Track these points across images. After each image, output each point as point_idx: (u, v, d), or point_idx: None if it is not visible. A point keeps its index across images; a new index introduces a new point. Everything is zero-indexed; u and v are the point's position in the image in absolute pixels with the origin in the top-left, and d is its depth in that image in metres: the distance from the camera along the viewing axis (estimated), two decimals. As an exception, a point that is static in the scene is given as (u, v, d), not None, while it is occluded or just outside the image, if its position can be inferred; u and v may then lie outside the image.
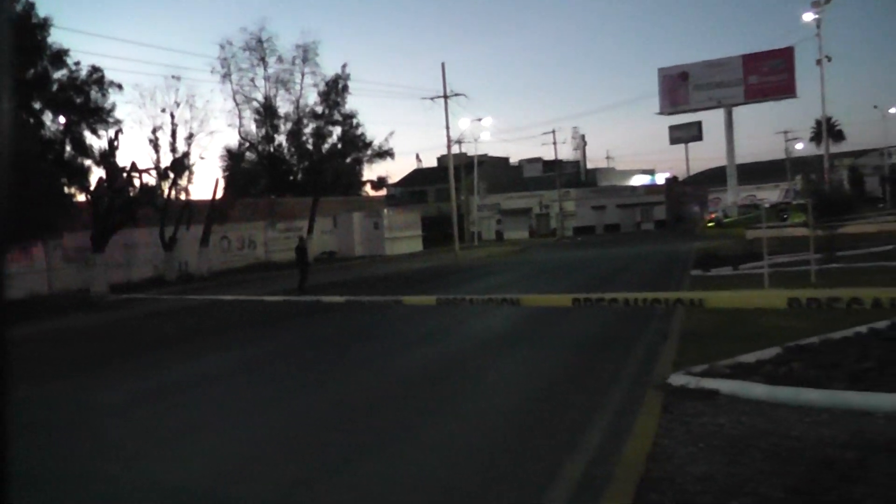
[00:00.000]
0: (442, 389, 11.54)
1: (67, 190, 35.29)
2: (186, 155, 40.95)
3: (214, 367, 14.94)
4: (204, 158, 44.74)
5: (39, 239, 33.19)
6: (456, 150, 67.71)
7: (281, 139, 55.22)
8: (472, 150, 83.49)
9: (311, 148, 53.61)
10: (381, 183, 62.78)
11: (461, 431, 9.05)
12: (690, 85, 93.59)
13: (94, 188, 36.11)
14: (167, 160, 40.41)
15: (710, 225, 76.42)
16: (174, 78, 41.36)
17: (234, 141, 53.88)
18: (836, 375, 9.25)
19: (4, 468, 1.68)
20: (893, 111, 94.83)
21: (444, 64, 55.85)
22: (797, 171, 78.00)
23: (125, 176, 37.33)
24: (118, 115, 37.15)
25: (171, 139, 40.57)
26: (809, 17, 64.28)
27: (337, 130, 53.72)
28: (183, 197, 41.81)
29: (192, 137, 41.13)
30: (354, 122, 53.57)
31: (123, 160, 38.10)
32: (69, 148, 35.56)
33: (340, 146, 53.64)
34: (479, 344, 15.59)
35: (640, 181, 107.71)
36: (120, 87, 36.85)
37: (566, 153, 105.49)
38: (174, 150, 40.60)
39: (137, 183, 38.35)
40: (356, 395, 11.61)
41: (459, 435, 8.91)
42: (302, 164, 54.61)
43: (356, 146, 53.99)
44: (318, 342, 17.56)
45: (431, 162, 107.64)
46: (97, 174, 36.55)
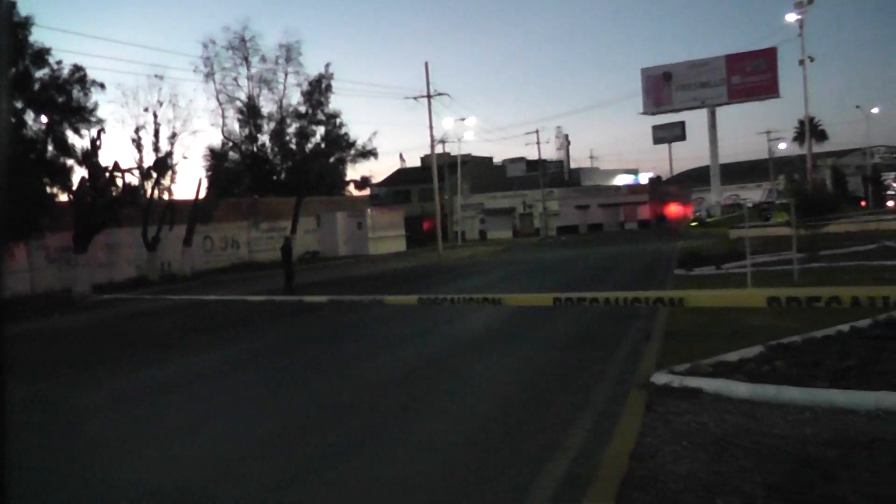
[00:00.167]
0: (425, 389, 11.51)
1: (49, 190, 35.05)
2: (169, 154, 40.79)
3: (197, 367, 14.86)
4: (187, 158, 44.57)
5: (21, 239, 33.03)
6: (439, 149, 67.79)
7: (264, 139, 55.02)
8: (455, 149, 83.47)
9: (294, 148, 53.46)
10: (364, 183, 62.70)
11: (444, 431, 9.03)
12: (674, 85, 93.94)
13: (76, 188, 35.95)
14: (150, 160, 40.32)
15: (693, 224, 76.66)
16: (157, 77, 41.05)
17: (217, 140, 53.60)
18: (818, 374, 9.29)
19: (3, 468, 1.66)
20: (875, 111, 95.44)
21: (427, 63, 55.62)
22: (780, 170, 78.34)
23: (108, 176, 37.17)
24: (101, 114, 36.76)
25: (153, 139, 40.43)
26: (792, 17, 64.58)
27: (320, 130, 53.60)
28: (166, 197, 41.67)
29: (175, 137, 41.00)
30: (338, 121, 53.47)
31: (106, 160, 37.82)
32: (51, 147, 35.25)
33: (324, 146, 53.50)
34: (461, 344, 15.58)
35: (623, 181, 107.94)
36: (102, 86, 36.57)
37: (550, 153, 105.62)
38: (157, 149, 40.46)
39: (120, 183, 38.27)
40: (340, 394, 11.58)
41: (442, 435, 8.89)
42: (285, 163, 54.44)
43: (340, 146, 53.87)
44: (300, 342, 17.50)
45: (415, 162, 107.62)
46: (79, 174, 36.41)
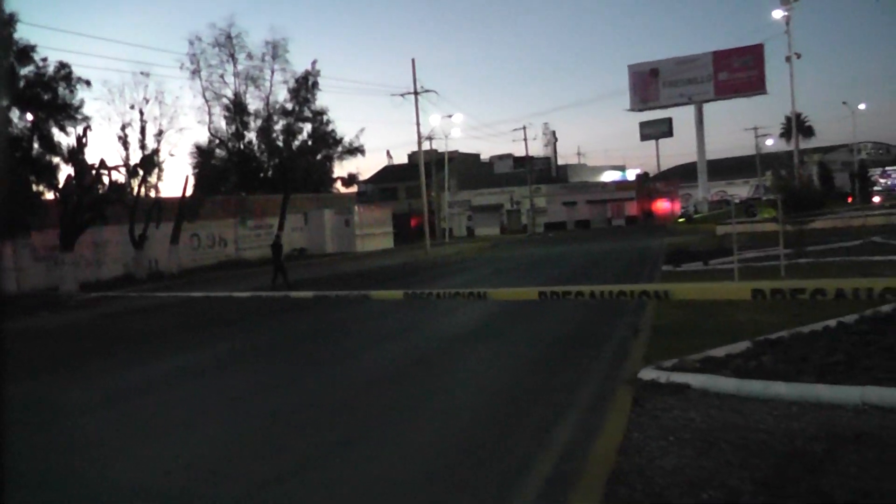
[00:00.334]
0: (411, 387, 11.50)
1: (35, 188, 34.95)
2: (156, 152, 40.62)
3: (184, 366, 14.78)
4: (174, 155, 44.43)
5: (8, 238, 32.86)
6: (426, 146, 67.87)
7: (251, 136, 54.83)
8: (442, 146, 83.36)
9: (281, 145, 53.33)
10: (351, 180, 62.65)
11: (430, 428, 9.03)
12: (661, 81, 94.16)
13: (62, 186, 35.78)
14: (137, 157, 40.08)
15: (680, 220, 76.83)
16: (143, 74, 40.84)
17: (203, 138, 53.42)
18: (805, 369, 9.31)
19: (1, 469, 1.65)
20: (862, 107, 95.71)
21: (414, 60, 55.54)
22: (767, 166, 78.42)
23: (94, 173, 37.00)
24: (87, 111, 36.70)
25: (140, 136, 40.22)
26: (779, 14, 64.82)
27: (307, 127, 53.45)
28: (153, 194, 41.46)
29: (161, 134, 40.82)
30: (325, 118, 53.32)
31: (92, 157, 37.63)
32: (37, 145, 35.12)
33: (311, 143, 53.38)
34: (448, 340, 15.55)
35: (610, 177, 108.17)
36: (88, 83, 36.43)
37: (537, 149, 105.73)
38: (143, 147, 40.26)
39: (106, 180, 38.07)
40: (327, 392, 11.57)
41: (429, 432, 8.89)
42: (272, 160, 54.32)
43: (327, 143, 53.76)
44: (287, 340, 17.45)
45: (402, 159, 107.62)
46: (66, 172, 36.22)
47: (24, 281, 36.06)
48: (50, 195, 36.10)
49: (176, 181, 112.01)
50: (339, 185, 63.89)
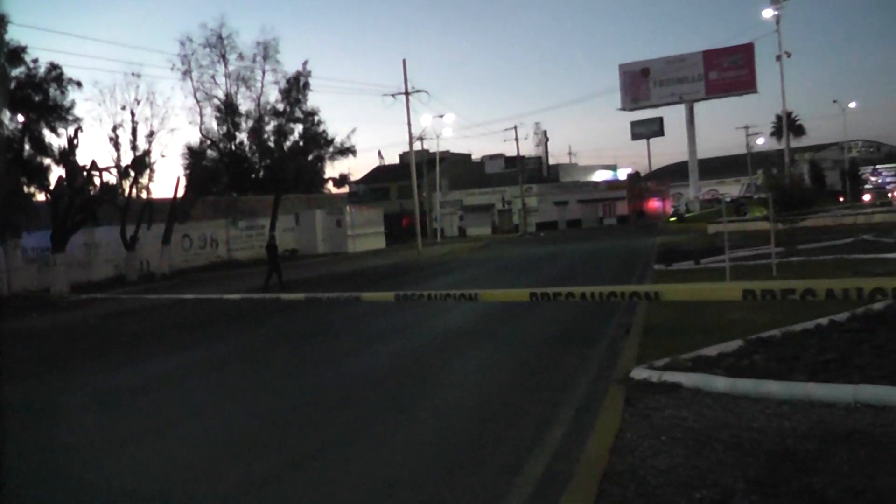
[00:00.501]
0: (403, 387, 11.48)
1: (27, 189, 34.79)
2: (147, 153, 40.46)
3: (175, 366, 14.76)
4: (165, 156, 44.48)
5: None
6: (418, 146, 67.81)
7: (242, 137, 54.78)
8: (434, 146, 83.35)
9: (272, 145, 53.29)
10: (343, 180, 62.57)
11: (423, 429, 9.02)
12: (651, 81, 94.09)
13: (53, 187, 35.70)
14: (128, 158, 39.93)
15: (672, 219, 76.89)
16: (134, 75, 40.70)
17: (195, 139, 53.26)
18: (796, 367, 9.32)
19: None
20: (853, 106, 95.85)
21: (405, 60, 55.52)
22: (758, 165, 78.67)
23: (85, 174, 36.92)
24: (78, 112, 36.53)
25: (131, 137, 40.06)
26: (769, 13, 64.99)
27: (298, 128, 53.40)
28: (144, 195, 41.30)
29: (152, 135, 40.66)
30: (316, 119, 53.27)
31: (83, 158, 37.51)
32: (28, 146, 35.00)
33: (302, 143, 53.33)
34: (440, 340, 15.52)
35: (602, 177, 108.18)
36: (79, 84, 36.31)
37: (528, 149, 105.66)
38: (135, 148, 40.11)
39: (98, 181, 37.98)
40: (317, 393, 11.54)
41: (421, 432, 8.88)
42: (263, 161, 54.28)
43: (318, 143, 53.70)
44: (278, 341, 17.42)
45: (393, 159, 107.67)
46: (57, 173, 36.14)
47: (15, 282, 35.97)
48: (41, 196, 35.97)
49: (167, 182, 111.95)
50: (330, 185, 63.85)
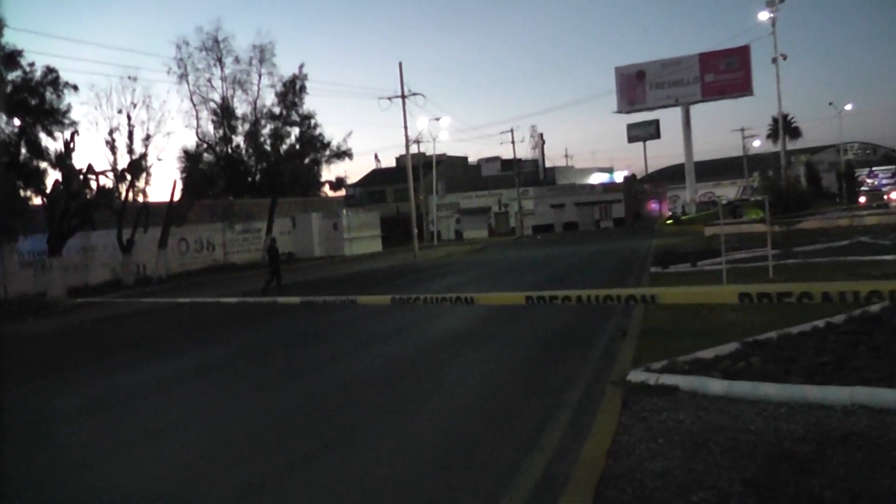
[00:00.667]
0: (401, 390, 11.47)
1: (23, 193, 34.77)
2: (143, 156, 40.44)
3: (172, 370, 14.75)
4: (161, 160, 44.25)
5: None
6: (414, 149, 67.66)
7: (239, 140, 54.76)
8: (430, 149, 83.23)
9: (268, 149, 53.27)
10: (339, 183, 62.50)
11: (420, 431, 9.01)
12: (647, 83, 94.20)
13: (50, 191, 35.68)
14: (124, 162, 39.90)
15: (668, 222, 76.95)
16: (130, 79, 40.68)
17: (191, 142, 53.35)
18: (793, 370, 9.32)
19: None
20: (849, 108, 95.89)
21: (401, 64, 55.44)
22: (754, 167, 78.66)
23: (82, 178, 36.90)
24: (74, 116, 36.52)
25: (127, 141, 40.02)
26: (765, 15, 65.00)
27: (295, 131, 53.45)
28: (140, 199, 41.32)
29: (149, 139, 40.63)
30: (312, 122, 53.31)
31: (80, 162, 37.52)
32: (24, 150, 35.00)
33: (298, 147, 53.34)
34: (437, 343, 15.54)
35: (598, 179, 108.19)
36: (75, 88, 36.30)
37: (524, 152, 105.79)
38: (131, 151, 40.08)
39: (94, 185, 37.97)
40: (315, 396, 11.53)
41: (419, 435, 8.87)
42: (260, 165, 54.25)
43: (314, 147, 53.71)
44: (275, 344, 17.41)
45: (390, 162, 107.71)
46: (53, 177, 36.16)
47: (11, 286, 35.92)
48: (37, 200, 35.93)
49: (164, 186, 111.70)
50: (326, 188, 63.82)
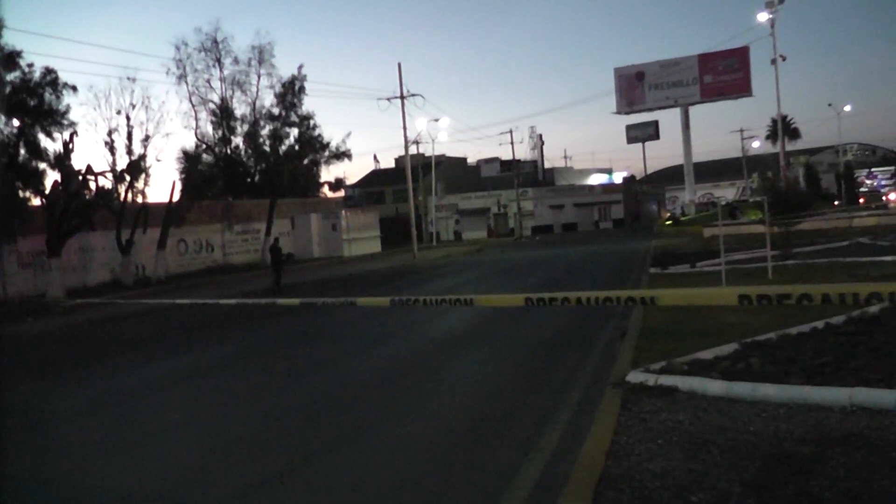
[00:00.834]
0: (400, 390, 11.46)
1: (22, 194, 34.73)
2: (142, 157, 40.43)
3: (172, 370, 14.74)
4: (160, 161, 44.17)
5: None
6: (413, 150, 67.67)
7: (238, 141, 54.69)
8: (429, 150, 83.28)
9: (268, 149, 53.22)
10: (338, 184, 62.47)
11: (419, 432, 9.00)
12: (647, 84, 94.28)
13: (49, 192, 35.61)
14: (123, 163, 39.91)
15: (667, 223, 76.96)
16: (129, 79, 40.69)
17: (190, 143, 53.33)
18: (792, 371, 9.32)
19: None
20: (848, 109, 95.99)
21: (400, 64, 55.44)
22: (753, 168, 78.68)
23: (80, 179, 36.82)
24: (73, 117, 36.44)
25: (126, 141, 40.03)
26: (764, 16, 64.99)
27: (294, 132, 53.42)
28: (139, 200, 41.37)
29: (147, 139, 40.63)
30: (311, 123, 53.29)
31: (79, 163, 37.48)
32: (23, 151, 34.93)
33: (297, 147, 53.31)
34: (436, 345, 15.52)
35: (597, 180, 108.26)
36: (74, 88, 36.23)
37: (523, 153, 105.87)
38: (130, 152, 40.08)
39: (93, 186, 37.87)
40: (316, 395, 11.52)
41: (417, 435, 8.86)
42: (259, 165, 54.20)
43: (313, 147, 53.69)
44: (274, 345, 17.39)
45: (389, 163, 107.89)
46: (52, 177, 36.05)
47: (10, 287, 35.92)
48: (36, 201, 35.88)
49: (163, 186, 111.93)
50: (326, 189, 63.76)
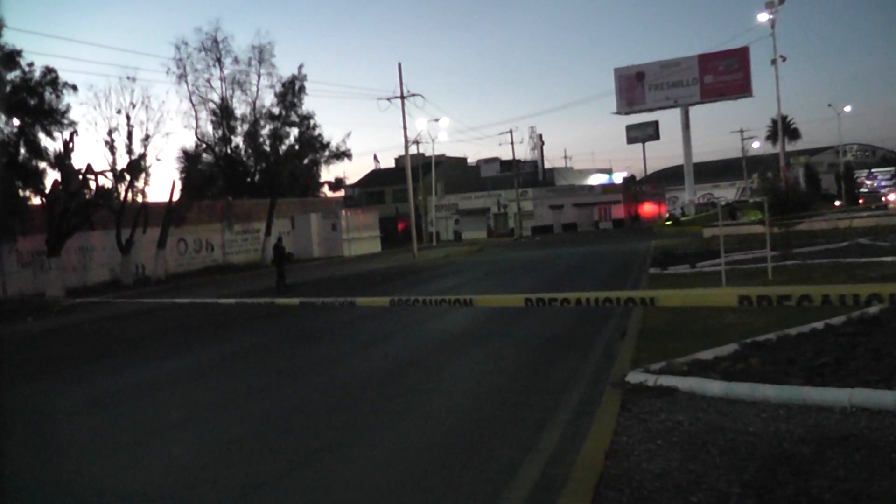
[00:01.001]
0: (400, 390, 11.45)
1: (22, 193, 34.79)
2: (143, 157, 40.49)
3: (172, 370, 14.74)
4: (160, 160, 44.19)
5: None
6: (413, 150, 67.68)
7: (238, 140, 54.86)
8: (429, 150, 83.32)
9: (268, 149, 53.30)
10: (338, 184, 62.56)
11: (419, 432, 9.00)
12: (647, 85, 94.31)
13: (49, 191, 35.66)
14: (123, 162, 39.99)
15: (667, 223, 76.94)
16: (129, 79, 40.75)
17: (190, 142, 53.47)
18: (792, 371, 9.31)
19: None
20: (848, 109, 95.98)
21: (400, 64, 55.45)
22: (753, 169, 78.65)
23: (81, 178, 36.87)
24: (73, 116, 36.59)
25: (126, 141, 40.09)
26: (764, 17, 64.94)
27: (294, 131, 53.55)
28: (139, 199, 41.41)
29: (148, 139, 40.70)
30: (311, 123, 53.43)
31: (79, 162, 37.52)
32: (23, 150, 35.00)
33: (297, 147, 53.38)
34: (436, 345, 15.52)
35: (597, 180, 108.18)
36: (74, 88, 36.30)
37: (523, 153, 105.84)
38: (130, 151, 40.13)
39: (93, 185, 37.92)
40: (316, 395, 11.53)
41: (418, 435, 8.86)
42: (259, 165, 54.29)
43: (313, 147, 53.76)
44: (274, 345, 17.40)
45: (389, 163, 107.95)
46: (52, 177, 36.16)
47: (10, 286, 35.97)
48: (36, 200, 35.97)
49: (163, 186, 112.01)
50: (325, 189, 63.90)
